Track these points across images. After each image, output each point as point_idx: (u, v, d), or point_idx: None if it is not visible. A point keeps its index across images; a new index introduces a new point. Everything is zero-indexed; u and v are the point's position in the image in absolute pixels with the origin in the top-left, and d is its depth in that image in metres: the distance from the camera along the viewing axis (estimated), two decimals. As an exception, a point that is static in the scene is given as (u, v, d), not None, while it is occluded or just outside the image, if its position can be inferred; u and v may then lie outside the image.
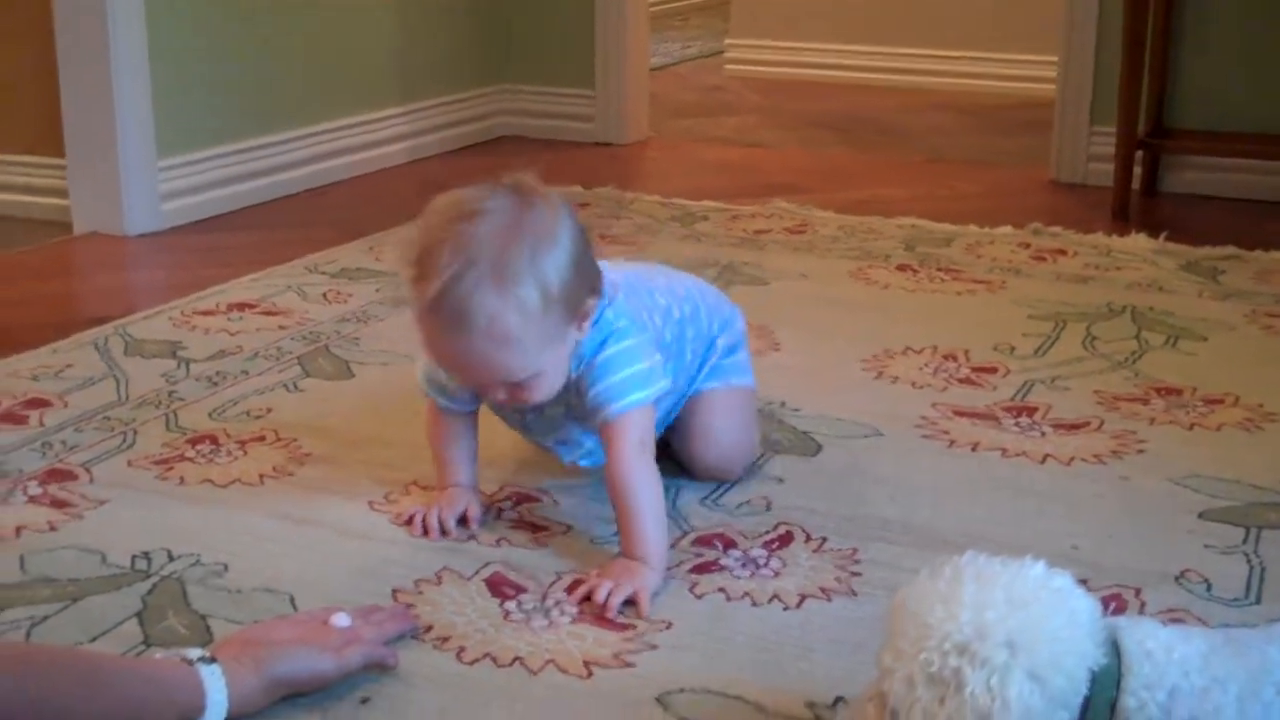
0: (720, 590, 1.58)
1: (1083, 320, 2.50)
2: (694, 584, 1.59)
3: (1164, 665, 1.11)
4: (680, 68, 5.82)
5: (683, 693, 1.39)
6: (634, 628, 1.50)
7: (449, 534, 1.69)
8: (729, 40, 5.68)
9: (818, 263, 2.87)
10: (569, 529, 1.73)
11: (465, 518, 1.71)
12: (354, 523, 1.73)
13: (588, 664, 1.43)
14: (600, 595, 1.53)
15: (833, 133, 4.42)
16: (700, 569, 1.63)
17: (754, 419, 1.90)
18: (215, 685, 1.27)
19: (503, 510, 1.77)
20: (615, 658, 1.45)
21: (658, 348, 1.71)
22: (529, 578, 1.61)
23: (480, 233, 1.49)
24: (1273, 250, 2.93)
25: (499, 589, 1.58)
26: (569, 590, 1.57)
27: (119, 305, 2.61)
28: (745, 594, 1.57)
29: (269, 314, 2.53)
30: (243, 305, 2.58)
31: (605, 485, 1.64)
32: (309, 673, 1.35)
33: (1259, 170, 3.45)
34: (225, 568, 1.62)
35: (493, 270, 1.48)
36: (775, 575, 1.61)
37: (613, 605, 1.51)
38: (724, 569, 1.63)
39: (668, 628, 1.50)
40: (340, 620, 1.42)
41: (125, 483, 1.85)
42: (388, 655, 1.41)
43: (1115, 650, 1.13)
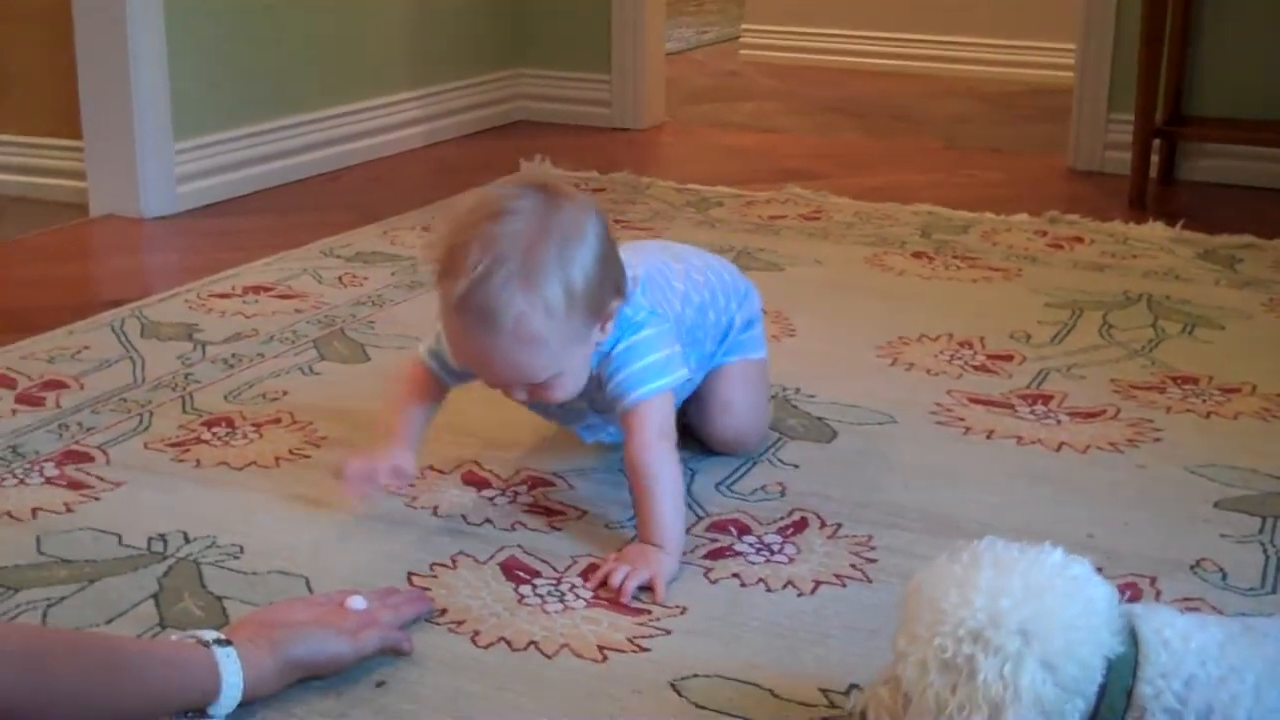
0: (735, 576, 1.58)
1: (1099, 308, 2.50)
2: (709, 569, 1.60)
3: (1181, 654, 1.11)
4: (696, 53, 5.81)
5: (697, 678, 1.39)
6: (649, 612, 1.50)
7: (389, 485, 1.67)
8: (745, 25, 5.67)
9: (833, 249, 2.87)
10: (584, 513, 1.73)
11: (399, 470, 1.67)
12: (369, 506, 1.73)
13: (602, 648, 1.44)
14: (616, 579, 1.53)
15: (848, 119, 4.41)
16: (715, 554, 1.63)
17: (768, 391, 1.92)
18: (230, 668, 1.28)
19: (518, 494, 1.77)
20: (630, 642, 1.45)
21: (679, 333, 1.71)
22: (544, 562, 1.61)
23: (508, 232, 1.49)
24: (1290, 239, 2.92)
25: (514, 573, 1.58)
26: (585, 576, 1.58)
27: (135, 288, 2.62)
28: (760, 580, 1.57)
29: (284, 297, 2.53)
30: (258, 288, 2.58)
31: (625, 470, 1.64)
32: (325, 655, 1.35)
33: (1277, 158, 3.43)
34: (241, 550, 1.63)
35: (521, 270, 1.48)
36: (790, 561, 1.61)
37: (628, 589, 1.52)
38: (739, 555, 1.63)
39: (682, 613, 1.50)
40: (356, 603, 1.42)
41: (141, 465, 1.85)
42: (403, 639, 1.41)
43: (1133, 638, 1.13)
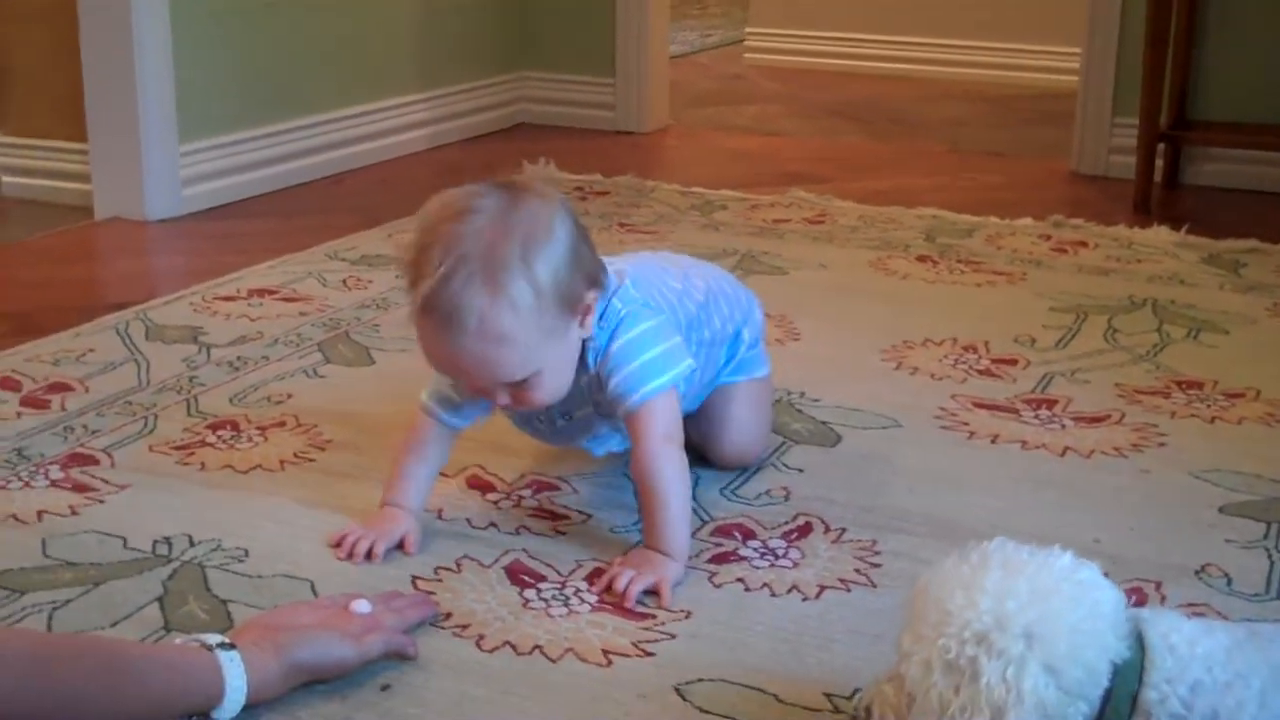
0: (739, 580, 1.58)
1: (1104, 313, 2.50)
2: (713, 574, 1.60)
3: (1187, 659, 1.11)
4: (700, 56, 5.81)
5: (701, 682, 1.39)
6: (653, 617, 1.50)
7: (375, 559, 1.61)
8: (749, 29, 5.67)
9: (837, 253, 2.87)
10: (589, 517, 1.73)
11: (402, 544, 1.63)
12: (374, 509, 1.73)
13: (607, 653, 1.44)
14: (621, 584, 1.53)
15: (853, 122, 4.41)
16: (719, 559, 1.63)
17: (771, 409, 1.92)
18: (234, 672, 1.28)
19: (522, 498, 1.77)
20: (634, 647, 1.45)
21: (679, 327, 1.69)
22: (549, 566, 1.61)
23: (470, 231, 1.48)
24: (1295, 243, 2.92)
25: (519, 577, 1.58)
26: (590, 580, 1.58)
27: (140, 290, 2.62)
28: (764, 584, 1.57)
29: (289, 300, 2.54)
30: (263, 291, 2.58)
31: (630, 473, 1.64)
32: (329, 659, 1.35)
33: (1281, 163, 3.44)
34: (246, 553, 1.63)
35: (483, 268, 1.46)
36: (794, 566, 1.61)
37: (632, 594, 1.52)
38: (743, 559, 1.63)
39: (687, 617, 1.50)
40: (361, 607, 1.42)
41: (146, 467, 1.85)
42: (407, 644, 1.41)
43: (1139, 643, 1.13)
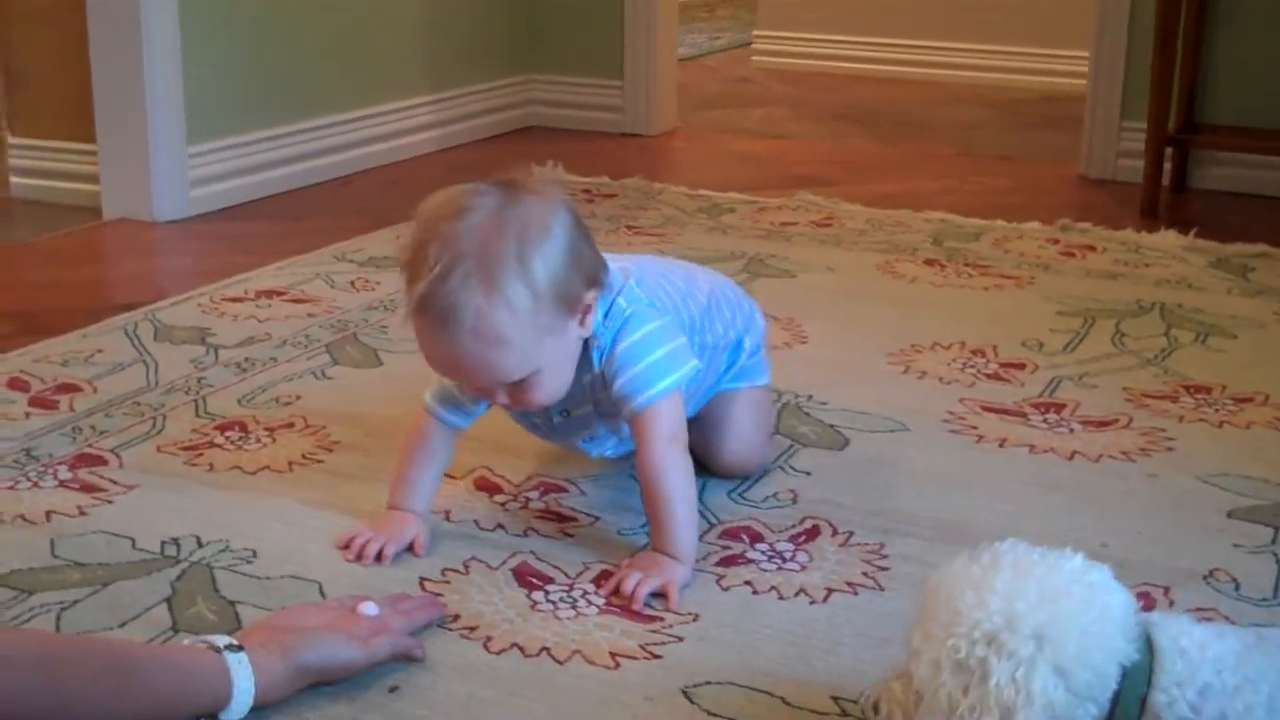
0: (747, 583, 1.58)
1: (1112, 317, 2.49)
2: (720, 577, 1.59)
3: (1197, 662, 1.11)
4: (708, 59, 5.81)
5: (709, 685, 1.39)
6: (661, 619, 1.50)
7: (384, 561, 1.61)
8: (757, 32, 5.67)
9: (845, 256, 2.87)
10: (596, 519, 1.73)
11: (411, 547, 1.63)
12: (382, 510, 1.73)
13: (614, 655, 1.44)
14: (628, 586, 1.53)
15: (860, 125, 4.41)
16: (727, 562, 1.63)
17: (771, 418, 1.92)
18: (242, 673, 1.28)
19: (529, 500, 1.78)
20: (642, 649, 1.45)
21: (684, 328, 1.69)
22: (556, 568, 1.61)
23: (466, 229, 1.47)
24: (1303, 248, 2.92)
25: (526, 579, 1.58)
26: (598, 582, 1.58)
27: (149, 291, 2.62)
28: (772, 587, 1.57)
29: (297, 301, 2.54)
30: (271, 292, 2.58)
31: (637, 477, 1.64)
32: (337, 661, 1.35)
33: (1290, 168, 3.43)
34: (254, 554, 1.63)
35: (478, 266, 1.46)
36: (802, 569, 1.61)
37: (640, 596, 1.52)
38: (751, 562, 1.63)
39: (694, 620, 1.50)
40: (369, 609, 1.43)
41: (154, 468, 1.86)
42: (415, 646, 1.41)
43: (1149, 646, 1.13)
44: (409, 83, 3.84)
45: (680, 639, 1.47)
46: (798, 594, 1.56)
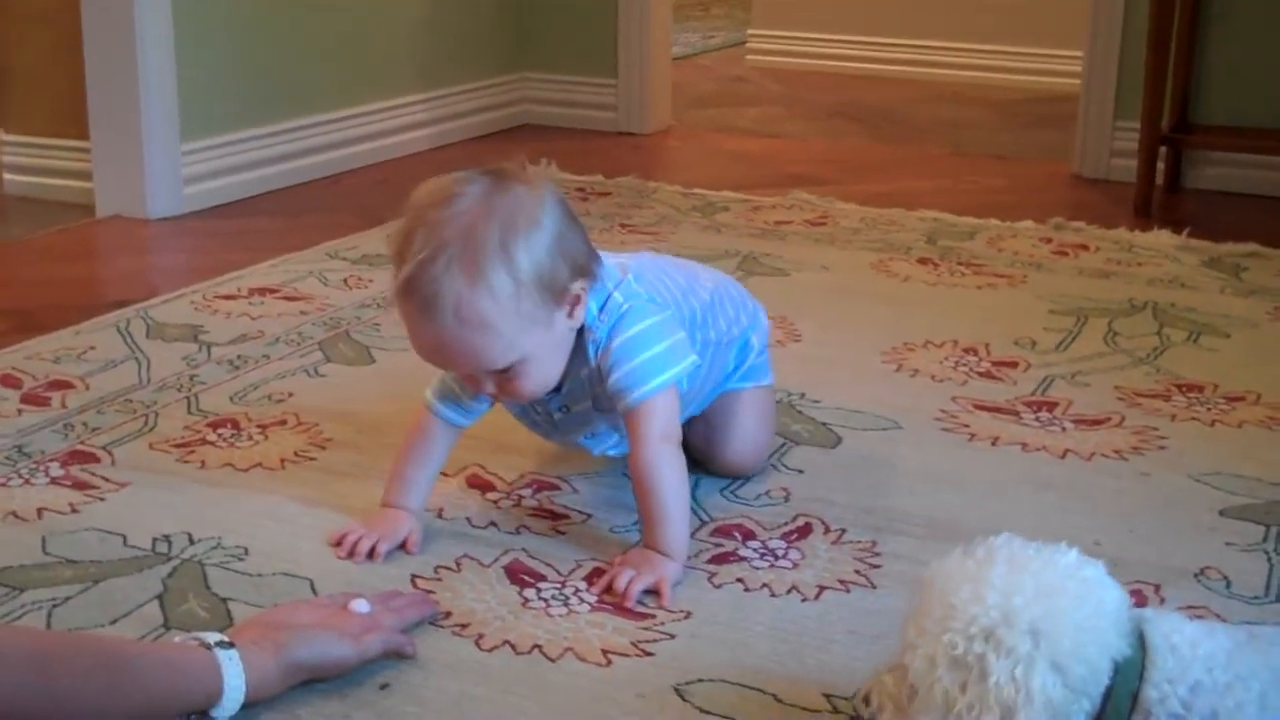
0: (739, 581, 1.58)
1: (1104, 316, 2.50)
2: (713, 574, 1.59)
3: (1189, 659, 1.11)
4: (702, 58, 5.81)
5: (700, 682, 1.39)
6: (653, 617, 1.50)
7: (377, 559, 1.60)
8: (751, 30, 5.67)
9: (838, 254, 2.87)
10: (589, 517, 1.73)
11: (404, 545, 1.63)
12: (375, 508, 1.73)
13: (606, 652, 1.44)
14: (621, 583, 1.53)
15: (854, 124, 4.41)
16: (719, 559, 1.63)
17: (774, 418, 1.91)
18: (233, 671, 1.28)
19: (522, 498, 1.77)
20: (634, 646, 1.45)
21: (684, 323, 1.68)
22: (548, 565, 1.61)
23: (451, 216, 1.48)
24: (1296, 247, 2.92)
25: (518, 576, 1.58)
26: (590, 580, 1.58)
27: (141, 288, 2.62)
28: (764, 585, 1.57)
29: (290, 299, 2.54)
30: (264, 290, 2.58)
31: (629, 473, 1.64)
32: (328, 658, 1.35)
33: (1283, 167, 3.44)
34: (246, 551, 1.63)
35: (461, 253, 1.47)
36: (794, 567, 1.61)
37: (632, 593, 1.52)
38: (743, 560, 1.63)
39: (686, 617, 1.50)
40: (360, 606, 1.42)
41: (146, 465, 1.85)
42: (406, 644, 1.41)
43: (1141, 642, 1.13)
44: (402, 81, 3.84)
45: (672, 636, 1.47)
46: (790, 591, 1.56)
